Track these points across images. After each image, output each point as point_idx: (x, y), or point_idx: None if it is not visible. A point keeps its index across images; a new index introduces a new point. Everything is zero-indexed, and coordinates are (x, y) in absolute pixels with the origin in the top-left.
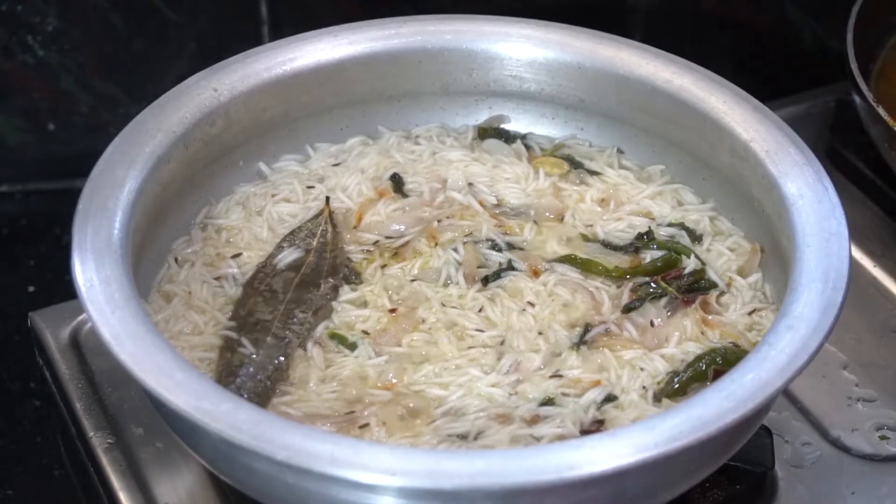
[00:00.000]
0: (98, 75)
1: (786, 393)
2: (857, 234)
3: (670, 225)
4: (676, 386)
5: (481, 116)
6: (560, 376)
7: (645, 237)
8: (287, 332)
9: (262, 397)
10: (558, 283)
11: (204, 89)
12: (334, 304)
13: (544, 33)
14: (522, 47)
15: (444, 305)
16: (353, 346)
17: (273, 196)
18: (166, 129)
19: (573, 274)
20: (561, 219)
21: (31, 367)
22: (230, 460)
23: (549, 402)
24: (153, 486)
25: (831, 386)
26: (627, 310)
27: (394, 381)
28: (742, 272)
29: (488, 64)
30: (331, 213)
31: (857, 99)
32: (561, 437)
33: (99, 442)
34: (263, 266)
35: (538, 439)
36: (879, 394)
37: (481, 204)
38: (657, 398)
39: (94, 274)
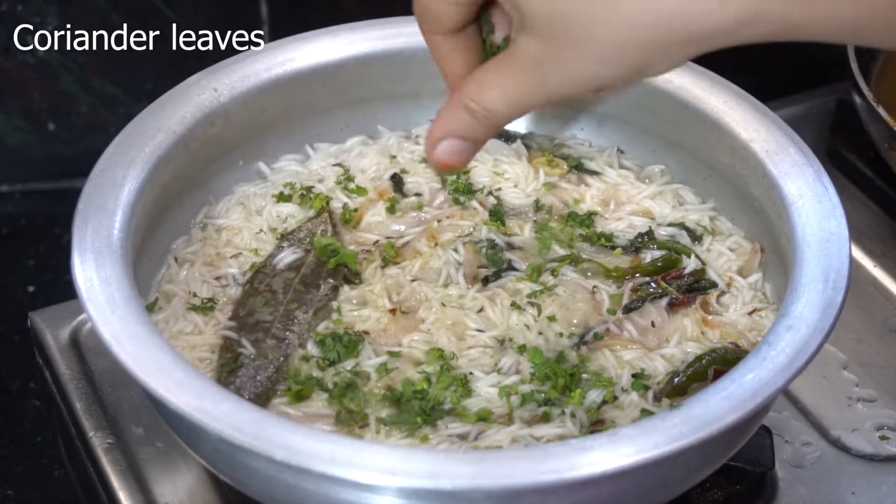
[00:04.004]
0: (98, 75)
1: (786, 393)
2: (857, 234)
3: (670, 225)
4: (676, 386)
5: None
6: (560, 376)
7: (645, 237)
8: (287, 333)
9: (261, 398)
10: (558, 283)
11: (204, 89)
12: (334, 304)
13: None
14: None
15: (444, 305)
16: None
17: (273, 196)
18: (166, 129)
19: (573, 274)
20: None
21: (31, 367)
22: (230, 460)
23: (549, 402)
24: (153, 486)
25: (831, 386)
26: (628, 310)
27: (394, 380)
28: (742, 272)
29: None
30: (331, 213)
31: (857, 99)
32: (561, 437)
33: (99, 442)
34: (263, 266)
35: (538, 439)
36: (879, 394)
37: (481, 204)
38: (657, 398)
39: (94, 274)
